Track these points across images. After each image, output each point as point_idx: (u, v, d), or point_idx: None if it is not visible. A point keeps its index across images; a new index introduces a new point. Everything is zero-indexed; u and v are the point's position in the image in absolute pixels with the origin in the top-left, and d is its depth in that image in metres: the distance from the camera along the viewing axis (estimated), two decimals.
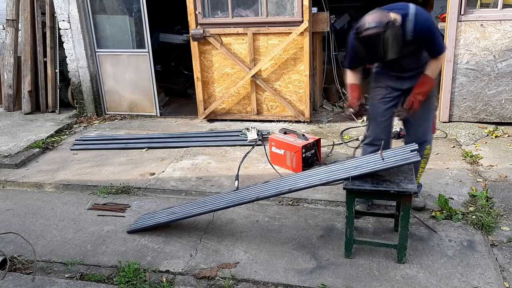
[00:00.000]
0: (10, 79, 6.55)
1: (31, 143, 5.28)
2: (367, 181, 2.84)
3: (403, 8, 2.89)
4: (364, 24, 2.77)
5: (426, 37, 2.92)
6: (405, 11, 2.87)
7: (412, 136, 3.30)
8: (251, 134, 5.13)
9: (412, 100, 3.07)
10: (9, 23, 6.42)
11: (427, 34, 2.91)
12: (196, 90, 5.84)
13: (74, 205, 3.93)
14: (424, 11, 2.95)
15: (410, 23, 2.86)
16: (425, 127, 3.28)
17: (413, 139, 3.21)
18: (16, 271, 3.04)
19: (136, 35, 6.02)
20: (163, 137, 5.38)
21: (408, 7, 2.90)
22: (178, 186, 4.15)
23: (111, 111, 6.46)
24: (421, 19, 2.87)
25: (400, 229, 2.86)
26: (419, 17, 2.87)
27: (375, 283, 2.77)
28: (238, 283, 2.85)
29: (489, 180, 3.92)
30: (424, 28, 2.88)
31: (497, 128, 5.03)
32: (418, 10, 2.91)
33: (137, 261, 3.07)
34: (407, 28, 2.85)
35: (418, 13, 2.88)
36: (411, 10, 2.88)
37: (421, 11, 2.91)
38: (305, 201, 3.76)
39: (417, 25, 2.86)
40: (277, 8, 5.33)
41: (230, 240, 3.28)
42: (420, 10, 2.92)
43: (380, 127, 3.33)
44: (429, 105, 3.23)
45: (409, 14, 2.87)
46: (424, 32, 2.89)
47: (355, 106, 3.28)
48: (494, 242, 3.10)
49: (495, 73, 4.99)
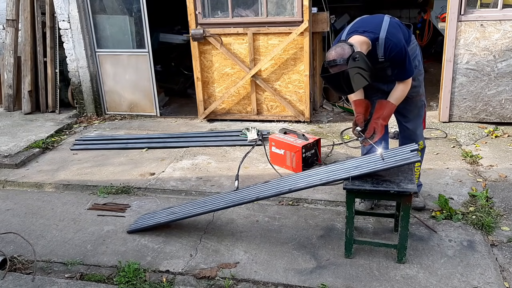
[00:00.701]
0: (10, 79, 6.55)
1: (31, 143, 5.28)
2: (367, 181, 2.84)
3: (374, 31, 2.86)
4: (328, 61, 2.75)
5: (395, 61, 2.91)
6: (376, 35, 2.85)
7: (403, 133, 3.37)
8: (251, 134, 5.13)
9: (373, 126, 3.07)
10: (9, 23, 6.42)
11: (396, 58, 2.90)
12: (196, 90, 5.84)
13: (74, 205, 3.93)
14: (396, 32, 2.89)
15: (381, 47, 2.86)
16: (416, 124, 3.32)
17: (405, 136, 3.32)
18: (16, 271, 3.04)
19: (136, 35, 6.02)
20: (163, 137, 5.38)
21: (380, 29, 2.86)
22: (178, 186, 4.15)
23: (111, 111, 6.46)
24: (391, 43, 2.85)
25: (400, 229, 2.86)
26: (389, 41, 2.85)
27: (375, 283, 2.77)
28: (238, 283, 2.85)
29: (489, 180, 3.93)
30: (393, 52, 2.86)
31: (497, 128, 5.03)
32: (390, 31, 2.86)
33: (137, 261, 3.07)
34: (378, 51, 2.87)
35: (389, 37, 2.85)
36: (382, 33, 2.85)
37: (392, 33, 2.86)
38: (305, 201, 3.76)
39: (387, 50, 2.86)
40: (277, 8, 5.33)
41: (230, 240, 3.28)
42: (392, 31, 2.87)
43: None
44: (417, 104, 3.27)
45: (379, 38, 2.84)
46: (394, 56, 2.89)
47: (360, 123, 3.14)
48: (494, 242, 3.10)
49: (495, 73, 4.99)
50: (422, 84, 3.29)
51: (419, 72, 3.23)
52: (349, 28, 2.99)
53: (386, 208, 3.59)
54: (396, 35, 2.89)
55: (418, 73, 3.20)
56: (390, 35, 2.85)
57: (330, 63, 2.74)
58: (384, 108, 3.05)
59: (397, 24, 2.98)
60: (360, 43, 2.81)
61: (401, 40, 2.90)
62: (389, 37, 2.85)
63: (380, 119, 3.06)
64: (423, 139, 3.42)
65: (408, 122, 3.31)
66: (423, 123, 3.41)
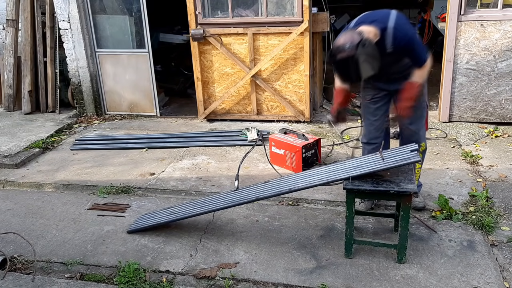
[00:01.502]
0: (10, 79, 6.55)
1: (31, 143, 5.28)
2: (367, 181, 2.84)
3: (382, 21, 2.86)
4: (337, 47, 2.74)
5: (406, 49, 2.92)
6: (384, 25, 2.85)
7: (405, 134, 3.35)
8: (251, 134, 5.13)
9: (401, 107, 3.07)
10: (9, 23, 6.43)
11: (407, 47, 2.91)
12: (196, 90, 5.84)
13: (74, 205, 3.93)
14: (404, 22, 2.91)
15: (389, 36, 2.85)
16: (418, 125, 3.31)
17: (407, 137, 3.28)
18: (16, 271, 3.04)
19: (136, 35, 6.02)
20: (163, 137, 5.38)
21: (388, 19, 2.86)
22: (178, 186, 4.15)
23: (111, 111, 6.46)
24: (400, 32, 2.85)
25: (400, 229, 2.86)
26: (399, 30, 2.85)
27: (375, 283, 2.77)
28: (238, 283, 2.85)
29: (489, 180, 3.93)
30: (404, 41, 2.87)
31: (497, 128, 5.03)
32: (398, 21, 2.87)
33: (137, 261, 3.07)
34: (386, 41, 2.85)
35: (398, 26, 2.85)
36: (390, 23, 2.85)
37: (401, 23, 2.87)
38: (305, 201, 3.76)
39: (396, 39, 2.85)
40: (277, 8, 5.33)
41: (230, 240, 3.28)
42: (400, 21, 2.88)
43: (373, 126, 3.37)
44: (419, 104, 3.25)
45: (387, 27, 2.84)
46: (404, 45, 2.89)
47: (333, 112, 3.27)
48: (494, 242, 3.10)
49: (495, 73, 4.99)
50: (425, 84, 3.28)
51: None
52: (357, 20, 2.98)
53: (386, 208, 3.60)
54: (405, 26, 2.90)
55: None
56: (398, 25, 2.86)
57: (339, 48, 2.71)
58: (410, 90, 3.02)
59: (404, 17, 2.98)
60: (368, 32, 2.80)
61: (410, 29, 2.93)
62: (397, 27, 2.85)
63: (407, 101, 3.03)
64: (425, 140, 3.41)
65: (411, 124, 3.28)
66: (425, 124, 3.41)
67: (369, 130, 3.40)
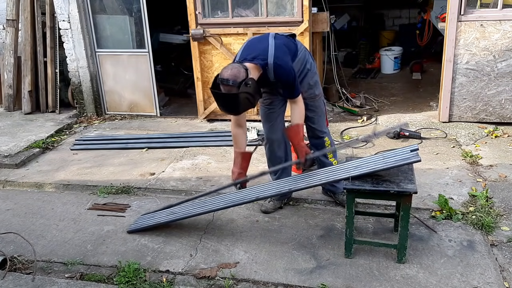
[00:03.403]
0: (10, 79, 6.55)
1: (31, 143, 5.28)
2: (367, 181, 2.84)
3: (263, 58, 3.00)
4: (221, 79, 2.83)
5: (285, 82, 3.08)
6: (265, 61, 2.99)
7: (311, 133, 3.55)
8: (251, 134, 5.13)
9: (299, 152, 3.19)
10: (9, 23, 6.43)
11: (285, 80, 3.06)
12: (196, 90, 5.84)
13: (74, 205, 3.94)
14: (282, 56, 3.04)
15: (270, 71, 3.02)
16: (320, 123, 3.51)
17: (313, 135, 3.53)
18: (16, 271, 3.05)
19: (136, 35, 6.02)
20: (163, 137, 5.38)
21: (267, 54, 3.00)
22: (178, 186, 4.15)
23: (111, 111, 6.46)
24: (279, 67, 3.00)
25: (400, 229, 2.86)
26: (277, 65, 2.99)
27: (375, 283, 2.77)
28: (238, 283, 2.85)
29: (489, 180, 3.93)
30: (282, 75, 3.04)
31: (497, 128, 5.03)
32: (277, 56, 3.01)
33: (137, 261, 3.07)
34: (268, 75, 3.03)
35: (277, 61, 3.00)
36: (270, 59, 2.99)
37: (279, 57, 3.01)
38: (305, 201, 3.76)
39: (276, 73, 3.02)
40: (277, 8, 5.33)
41: (230, 240, 3.29)
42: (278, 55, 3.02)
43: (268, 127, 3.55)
44: (316, 105, 3.44)
45: (268, 63, 2.99)
46: (283, 78, 3.05)
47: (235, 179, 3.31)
48: (494, 242, 3.10)
49: (495, 73, 4.99)
50: (318, 85, 3.45)
51: (314, 74, 3.40)
52: (240, 55, 3.10)
53: (386, 208, 3.60)
54: (283, 58, 3.05)
55: (313, 75, 3.38)
56: (278, 59, 3.01)
57: (223, 81, 2.83)
58: (297, 133, 3.18)
59: (282, 45, 3.11)
60: (252, 69, 2.95)
61: (288, 62, 3.06)
62: (277, 62, 3.00)
63: (301, 143, 3.18)
64: (329, 136, 3.58)
65: (314, 124, 3.48)
66: (326, 121, 3.60)
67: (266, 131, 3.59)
